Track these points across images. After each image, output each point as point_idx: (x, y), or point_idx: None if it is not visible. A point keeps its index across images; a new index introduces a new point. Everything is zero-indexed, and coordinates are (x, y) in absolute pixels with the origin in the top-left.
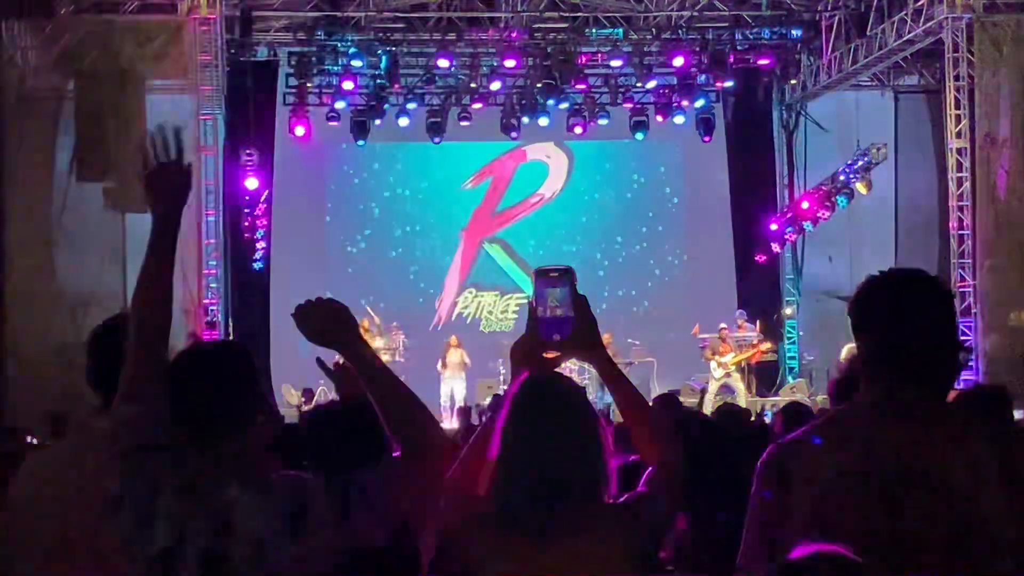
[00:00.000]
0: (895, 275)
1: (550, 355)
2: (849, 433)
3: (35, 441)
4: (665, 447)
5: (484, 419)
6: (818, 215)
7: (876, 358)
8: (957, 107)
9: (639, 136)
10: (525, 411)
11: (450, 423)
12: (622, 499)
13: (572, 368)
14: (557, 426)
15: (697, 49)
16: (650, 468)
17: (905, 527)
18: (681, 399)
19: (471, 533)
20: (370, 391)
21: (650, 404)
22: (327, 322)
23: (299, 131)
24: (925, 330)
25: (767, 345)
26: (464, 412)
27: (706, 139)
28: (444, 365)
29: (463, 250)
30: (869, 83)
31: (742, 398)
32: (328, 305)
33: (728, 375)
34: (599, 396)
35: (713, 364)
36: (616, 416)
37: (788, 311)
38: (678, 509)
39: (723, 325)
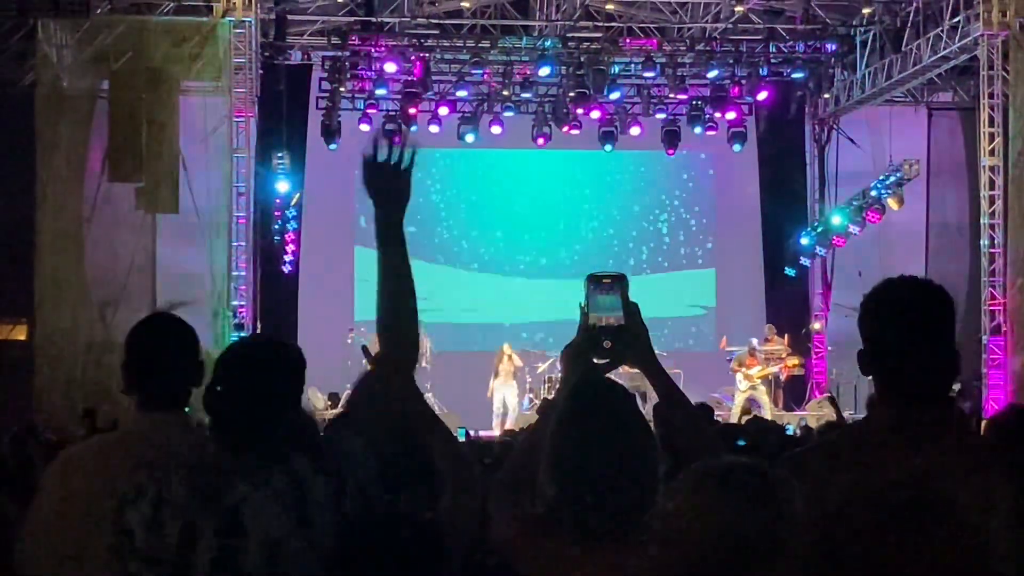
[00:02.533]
0: (886, 285)
1: (600, 361)
2: (860, 455)
3: (53, 439)
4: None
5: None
6: (849, 230)
7: (879, 372)
8: (991, 124)
9: (670, 148)
10: (575, 416)
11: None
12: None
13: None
14: (607, 431)
15: (731, 61)
16: None
17: (914, 556)
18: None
19: (521, 537)
20: (380, 269)
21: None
22: (391, 181)
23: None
24: (920, 334)
25: (795, 360)
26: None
27: (738, 151)
28: (496, 374)
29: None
30: (903, 99)
31: (767, 412)
32: (402, 169)
33: (754, 388)
34: None
35: (739, 376)
36: None
37: (817, 326)
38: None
39: (753, 339)
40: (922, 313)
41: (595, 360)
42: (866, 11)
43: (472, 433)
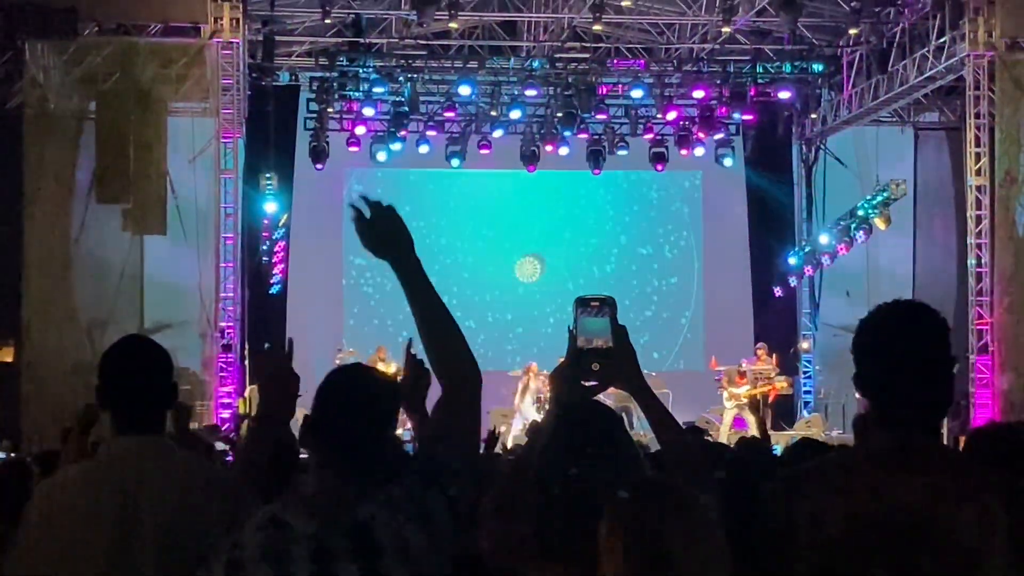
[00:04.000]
0: (881, 310)
1: (589, 383)
2: (859, 479)
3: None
4: (698, 477)
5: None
6: (836, 250)
7: (874, 395)
8: (977, 144)
9: (658, 166)
10: (561, 437)
11: None
12: None
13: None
14: (593, 452)
15: (718, 82)
16: None
17: None
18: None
19: (513, 556)
20: (415, 313)
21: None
22: (388, 232)
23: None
24: (915, 359)
25: (783, 383)
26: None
27: (725, 171)
28: (523, 393)
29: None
30: (889, 119)
31: (754, 431)
32: (390, 214)
33: (739, 406)
34: None
35: (725, 395)
36: None
37: (805, 345)
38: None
39: (744, 360)
40: (917, 339)
41: (583, 382)
42: (852, 32)
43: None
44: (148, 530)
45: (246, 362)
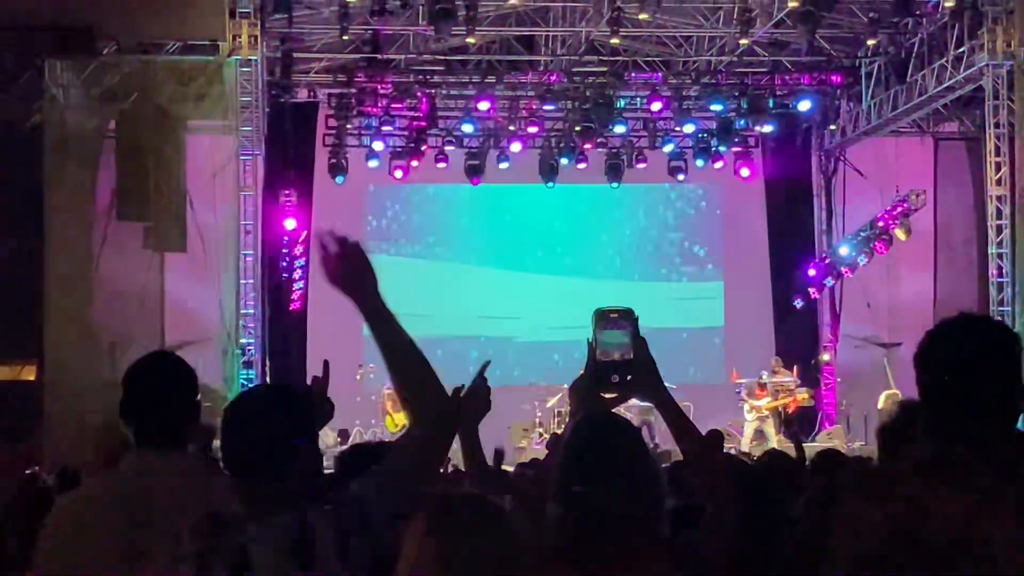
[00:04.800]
0: (960, 320)
1: (608, 396)
2: (899, 491)
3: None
4: (720, 490)
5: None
6: (856, 261)
7: (932, 403)
8: (997, 154)
9: (678, 178)
10: (579, 450)
11: None
12: (679, 539)
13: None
14: (610, 465)
15: (736, 94)
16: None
17: None
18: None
19: (530, 567)
20: (382, 351)
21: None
22: (353, 268)
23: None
24: (986, 378)
25: (804, 395)
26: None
27: (744, 183)
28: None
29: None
30: (909, 129)
31: (773, 443)
32: (356, 251)
33: (761, 419)
34: None
35: (746, 407)
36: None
37: (826, 357)
38: (730, 551)
39: (764, 372)
40: (982, 352)
41: (603, 395)
42: (871, 42)
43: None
44: (165, 547)
45: (267, 378)
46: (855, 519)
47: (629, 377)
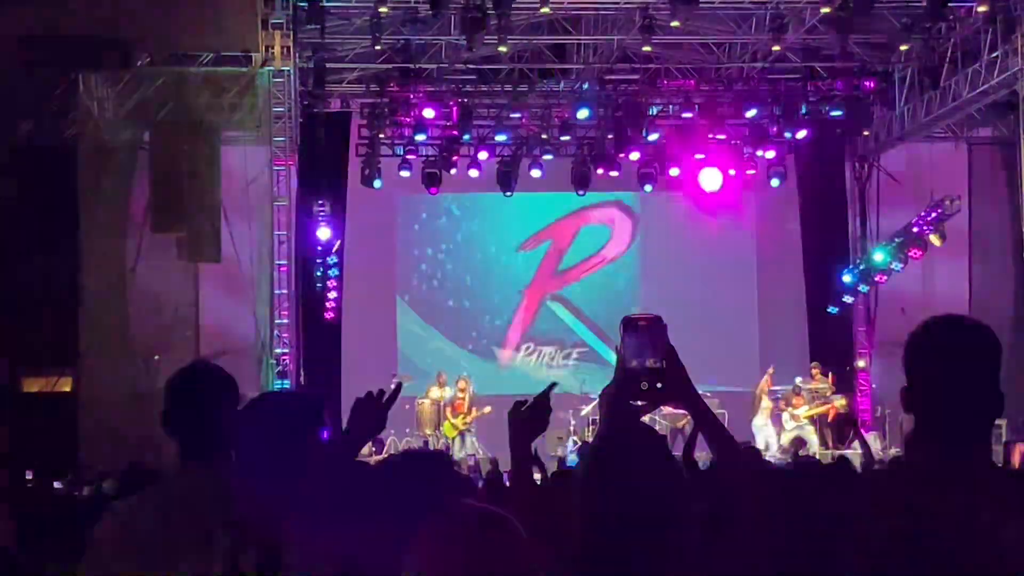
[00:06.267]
0: (930, 325)
1: (638, 403)
2: (900, 494)
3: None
4: (760, 498)
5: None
6: (891, 267)
7: (921, 410)
8: None
9: (710, 187)
10: (602, 459)
11: None
12: (709, 548)
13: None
14: (634, 474)
15: (769, 100)
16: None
17: None
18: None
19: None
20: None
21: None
22: (371, 418)
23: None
24: (962, 376)
25: (841, 402)
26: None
27: (778, 190)
28: None
29: (525, 306)
30: (942, 134)
31: (815, 450)
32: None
33: (800, 427)
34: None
35: (786, 416)
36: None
37: (861, 363)
38: (765, 559)
39: (799, 379)
40: (964, 353)
41: (632, 403)
42: (903, 48)
43: None
44: (214, 555)
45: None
46: (861, 524)
47: (659, 385)
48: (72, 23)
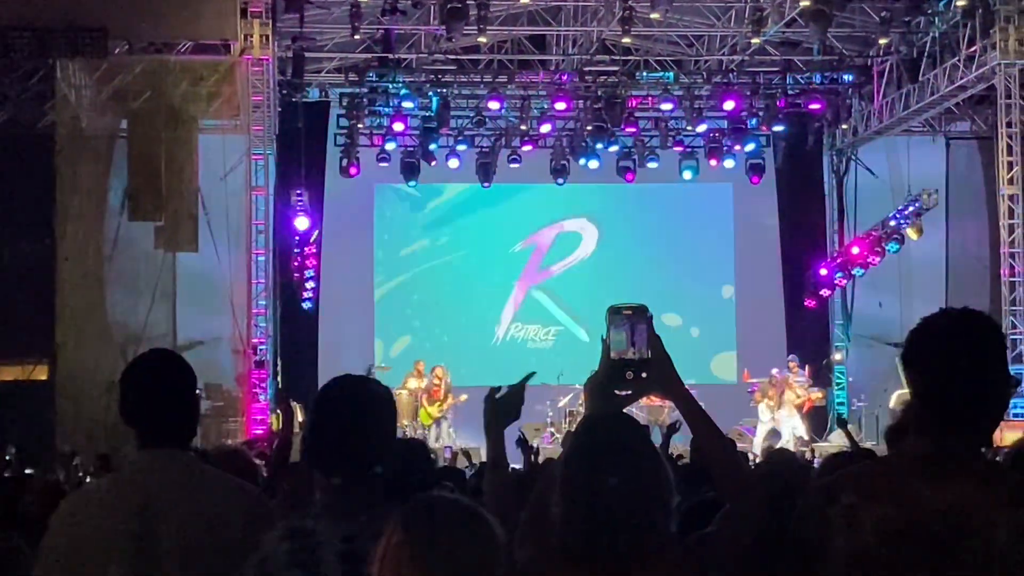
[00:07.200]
0: (944, 316)
1: (623, 393)
2: (894, 486)
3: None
4: (746, 488)
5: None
6: (868, 260)
7: (924, 399)
8: (1009, 153)
9: (688, 176)
10: (584, 447)
11: None
12: (693, 536)
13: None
14: (616, 462)
15: (748, 93)
16: (726, 507)
17: None
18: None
19: (539, 565)
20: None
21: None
22: (506, 415)
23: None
24: (973, 369)
25: (818, 395)
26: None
27: (756, 183)
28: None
29: (514, 296)
30: (920, 129)
31: (790, 443)
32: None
33: (776, 420)
34: None
35: (762, 407)
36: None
37: (837, 357)
38: (746, 549)
39: (775, 370)
40: (970, 344)
41: (617, 392)
42: (883, 41)
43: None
44: (169, 544)
45: (279, 378)
46: (852, 516)
47: (644, 374)
48: (50, 11)
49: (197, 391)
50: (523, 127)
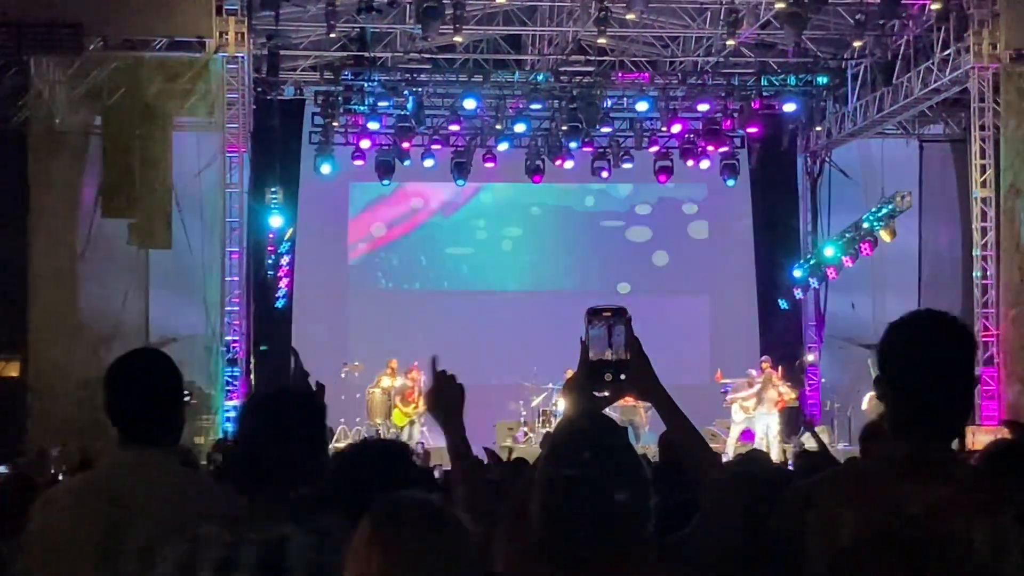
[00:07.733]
0: (915, 318)
1: (601, 394)
2: (871, 490)
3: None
4: (723, 489)
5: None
6: (842, 262)
7: (896, 402)
8: (982, 156)
9: (663, 180)
10: (563, 448)
11: None
12: (672, 537)
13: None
14: (596, 463)
15: (723, 95)
16: (703, 509)
17: None
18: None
19: (517, 565)
20: (455, 468)
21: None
22: (448, 399)
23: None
24: (945, 372)
25: (791, 395)
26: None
27: (730, 184)
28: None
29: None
30: (894, 131)
31: (762, 444)
32: (456, 387)
33: (749, 420)
34: None
35: (735, 407)
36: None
37: (810, 358)
38: (725, 550)
39: (751, 370)
40: (944, 349)
41: (596, 393)
42: (857, 44)
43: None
44: (137, 543)
45: (252, 376)
46: (830, 519)
47: (623, 376)
48: (25, 6)
49: (184, 393)
50: (498, 127)
